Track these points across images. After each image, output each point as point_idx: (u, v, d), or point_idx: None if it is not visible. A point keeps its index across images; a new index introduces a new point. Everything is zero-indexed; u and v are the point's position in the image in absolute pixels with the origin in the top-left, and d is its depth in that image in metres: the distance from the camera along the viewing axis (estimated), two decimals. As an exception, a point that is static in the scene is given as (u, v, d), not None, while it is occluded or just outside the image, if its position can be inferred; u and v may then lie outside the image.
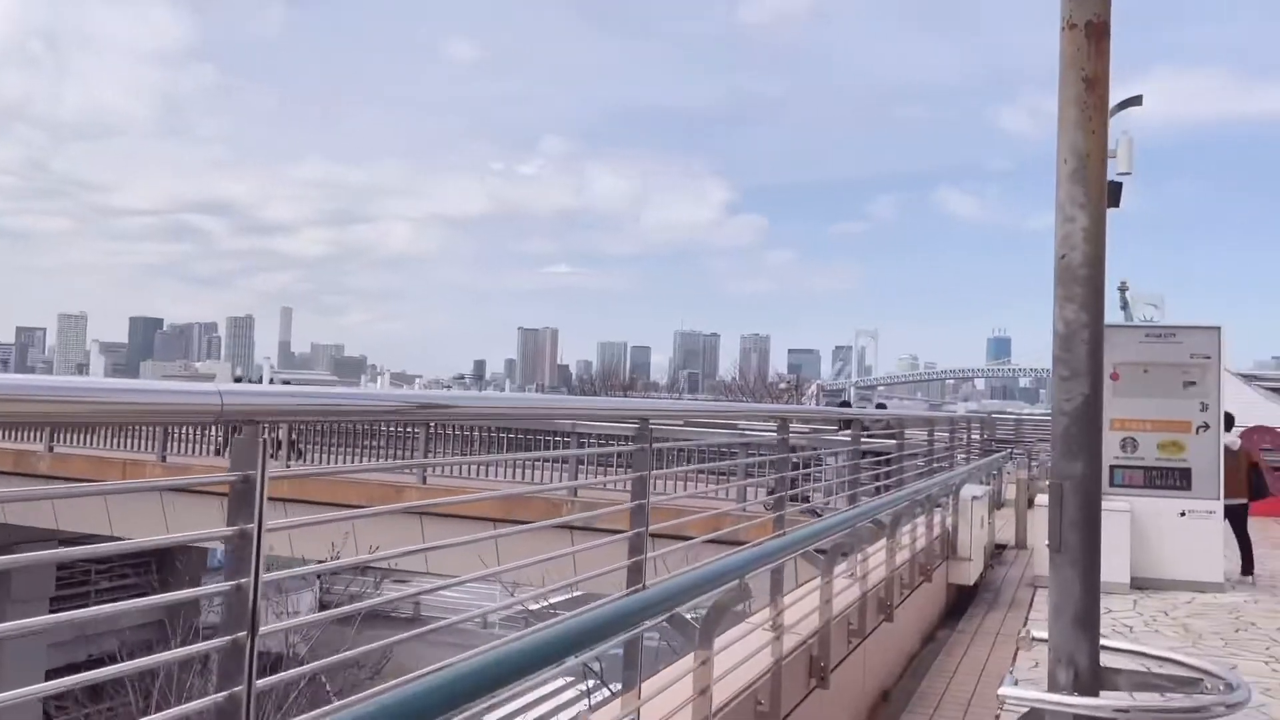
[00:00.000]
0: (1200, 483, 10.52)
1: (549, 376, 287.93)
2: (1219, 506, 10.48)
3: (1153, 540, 10.38)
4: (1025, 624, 6.58)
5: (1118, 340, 10.98)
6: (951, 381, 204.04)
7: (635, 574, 3.39)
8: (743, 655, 3.88)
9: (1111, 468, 10.80)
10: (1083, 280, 3.53)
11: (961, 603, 9.65)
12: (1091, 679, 3.37)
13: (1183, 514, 10.47)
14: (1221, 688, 3.31)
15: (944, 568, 9.45)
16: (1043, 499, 11.65)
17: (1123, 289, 31.57)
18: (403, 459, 17.97)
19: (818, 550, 5.68)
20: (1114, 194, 11.06)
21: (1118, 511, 10.37)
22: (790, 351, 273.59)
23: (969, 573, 9.37)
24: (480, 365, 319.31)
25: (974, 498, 9.45)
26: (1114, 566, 10.23)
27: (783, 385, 56.84)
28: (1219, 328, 10.79)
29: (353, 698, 1.98)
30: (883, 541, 6.53)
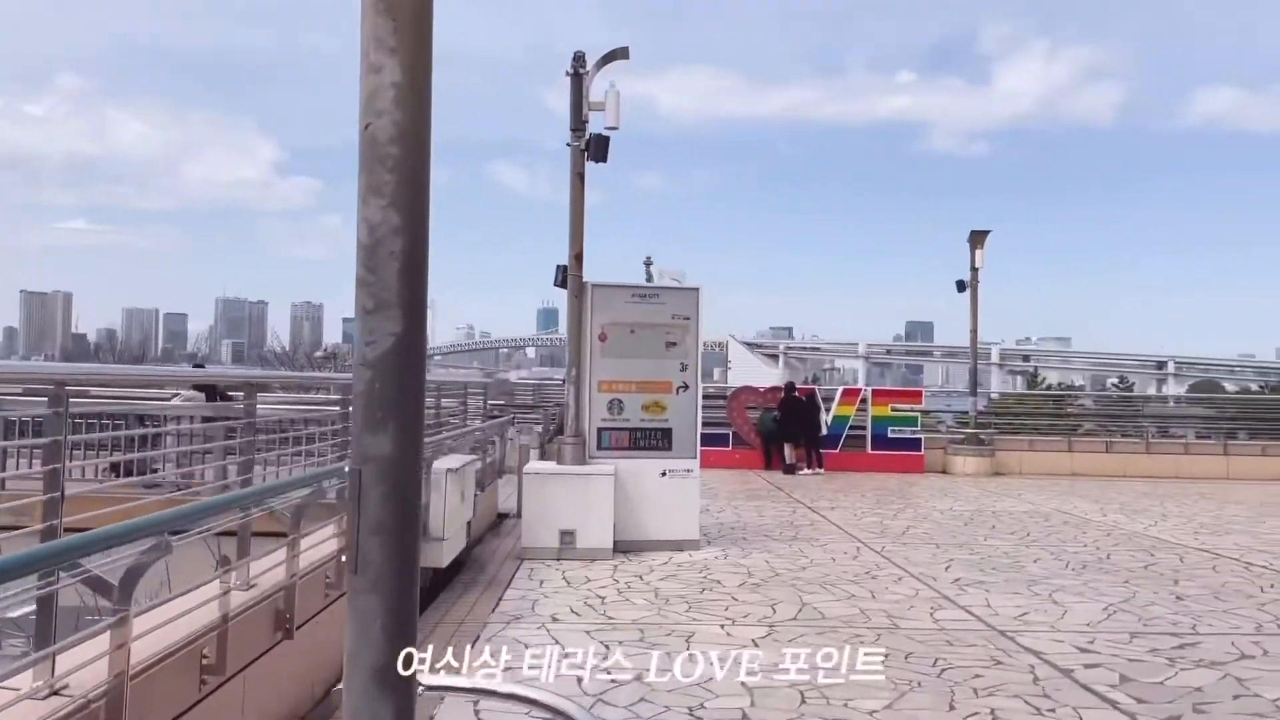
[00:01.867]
0: (680, 442, 10.53)
1: (61, 347, 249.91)
2: (696, 465, 10.58)
3: (635, 502, 10.23)
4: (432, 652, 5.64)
5: (606, 301, 10.66)
6: (505, 350, 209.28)
7: None
8: None
9: (599, 430, 10.49)
10: (395, 163, 2.35)
11: (439, 586, 8.65)
12: (398, 759, 2.27)
13: (664, 474, 10.43)
14: (571, 744, 2.42)
15: (414, 551, 8.33)
16: (535, 465, 11.08)
17: (648, 264, 33.97)
18: None
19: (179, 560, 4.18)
20: (601, 148, 10.68)
21: (602, 475, 10.05)
22: (345, 320, 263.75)
23: (442, 554, 8.35)
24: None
25: (449, 470, 8.42)
26: (598, 533, 9.89)
27: (320, 354, 53.63)
28: (698, 289, 10.84)
29: None
30: (285, 536, 5.15)
